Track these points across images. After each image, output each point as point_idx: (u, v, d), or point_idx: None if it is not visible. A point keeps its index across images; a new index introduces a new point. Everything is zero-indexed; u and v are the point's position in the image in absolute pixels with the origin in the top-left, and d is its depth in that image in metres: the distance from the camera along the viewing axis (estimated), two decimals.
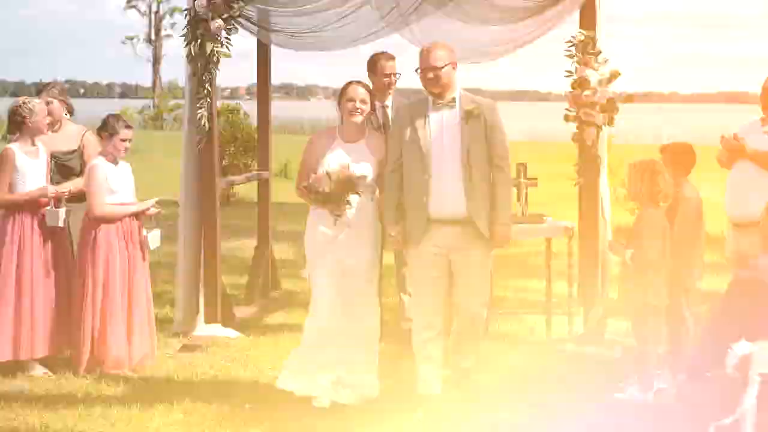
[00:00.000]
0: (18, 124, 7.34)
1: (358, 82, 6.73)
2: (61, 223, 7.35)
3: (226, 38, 8.21)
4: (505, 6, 8.35)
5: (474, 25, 8.53)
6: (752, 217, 7.23)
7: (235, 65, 8.57)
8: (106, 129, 7.47)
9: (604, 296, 8.26)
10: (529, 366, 7.71)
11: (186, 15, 8.20)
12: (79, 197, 7.58)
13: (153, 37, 60.01)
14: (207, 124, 8.25)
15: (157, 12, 59.90)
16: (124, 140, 7.44)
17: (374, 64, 8.41)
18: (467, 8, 8.51)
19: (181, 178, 8.57)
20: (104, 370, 7.32)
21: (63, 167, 7.71)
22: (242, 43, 8.40)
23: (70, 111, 8.08)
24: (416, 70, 6.42)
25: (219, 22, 8.07)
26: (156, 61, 59.94)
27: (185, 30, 8.21)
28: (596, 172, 8.21)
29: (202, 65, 8.16)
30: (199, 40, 8.12)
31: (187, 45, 8.17)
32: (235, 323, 8.78)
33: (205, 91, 8.20)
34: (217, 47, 8.15)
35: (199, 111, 8.22)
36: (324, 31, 8.56)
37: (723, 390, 4.67)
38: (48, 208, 7.34)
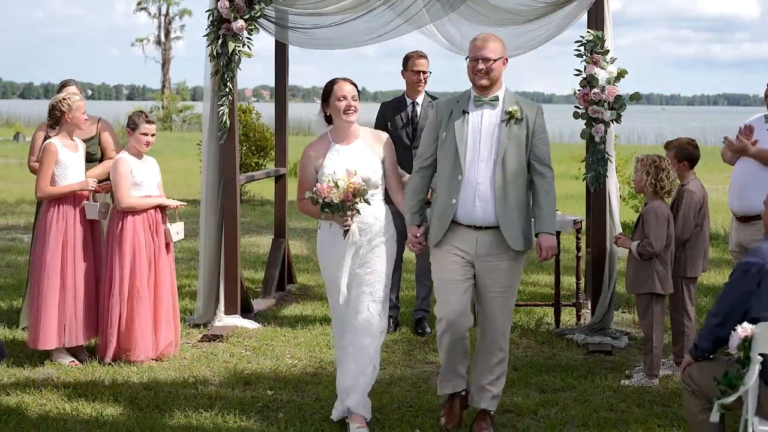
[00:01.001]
0: (57, 119, 7.60)
1: (344, 79, 6.24)
2: (97, 216, 7.63)
3: (248, 38, 8.45)
4: (514, 8, 8.60)
5: (486, 26, 8.78)
6: (755, 210, 7.47)
7: (244, 68, 8.79)
8: (129, 125, 7.77)
9: (610, 288, 8.46)
10: (539, 354, 7.95)
11: (209, 15, 8.43)
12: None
13: (163, 39, 60.23)
14: (228, 121, 8.50)
15: (166, 14, 60.14)
16: (145, 134, 7.69)
17: (406, 60, 8.70)
18: (478, 9, 8.77)
19: (203, 174, 8.81)
20: (129, 358, 7.57)
21: (84, 153, 7.98)
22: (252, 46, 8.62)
23: None
24: (466, 59, 6.03)
25: (240, 22, 8.30)
26: (165, 63, 60.17)
27: (208, 30, 8.42)
28: (604, 168, 8.40)
29: (224, 64, 8.39)
30: (221, 40, 8.36)
31: (209, 44, 8.40)
32: (253, 315, 9.04)
33: (227, 89, 8.45)
34: (238, 46, 8.39)
35: (221, 108, 8.47)
36: (340, 29, 8.83)
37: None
38: (86, 202, 7.61)
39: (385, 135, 6.39)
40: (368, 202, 5.98)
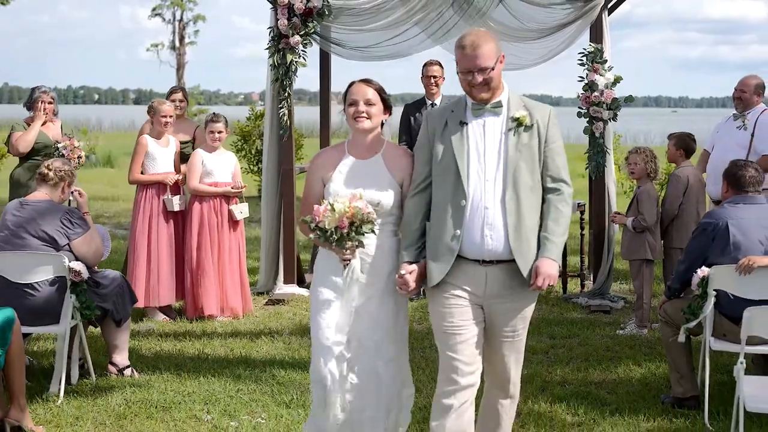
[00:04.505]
0: (150, 119, 9.29)
1: (364, 81, 5.25)
2: (176, 208, 9.22)
3: (303, 51, 10.04)
4: (529, 26, 10.20)
5: (503, 41, 10.34)
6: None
7: (255, 72, 10.30)
8: (204, 125, 9.50)
9: (609, 260, 10.04)
10: (549, 313, 9.54)
11: (270, 32, 10.01)
12: None
13: (177, 44, 61.73)
14: (288, 121, 10.11)
15: (180, 20, 61.69)
16: (212, 132, 9.32)
17: (423, 67, 10.30)
18: (495, 26, 10.34)
19: (264, 168, 10.43)
20: (202, 313, 9.17)
21: (180, 154, 9.59)
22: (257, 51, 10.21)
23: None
24: (458, 73, 4.95)
25: (297, 37, 9.89)
26: (179, 67, 61.67)
27: (269, 44, 9.99)
28: (603, 159, 9.99)
29: (283, 73, 9.98)
30: (281, 53, 9.95)
31: (270, 56, 9.98)
32: (306, 285, 10.60)
33: (286, 94, 10.05)
34: (295, 58, 9.98)
35: (281, 110, 10.07)
36: (377, 47, 10.46)
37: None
38: (165, 197, 9.21)
39: (411, 153, 5.23)
40: (373, 232, 4.96)
